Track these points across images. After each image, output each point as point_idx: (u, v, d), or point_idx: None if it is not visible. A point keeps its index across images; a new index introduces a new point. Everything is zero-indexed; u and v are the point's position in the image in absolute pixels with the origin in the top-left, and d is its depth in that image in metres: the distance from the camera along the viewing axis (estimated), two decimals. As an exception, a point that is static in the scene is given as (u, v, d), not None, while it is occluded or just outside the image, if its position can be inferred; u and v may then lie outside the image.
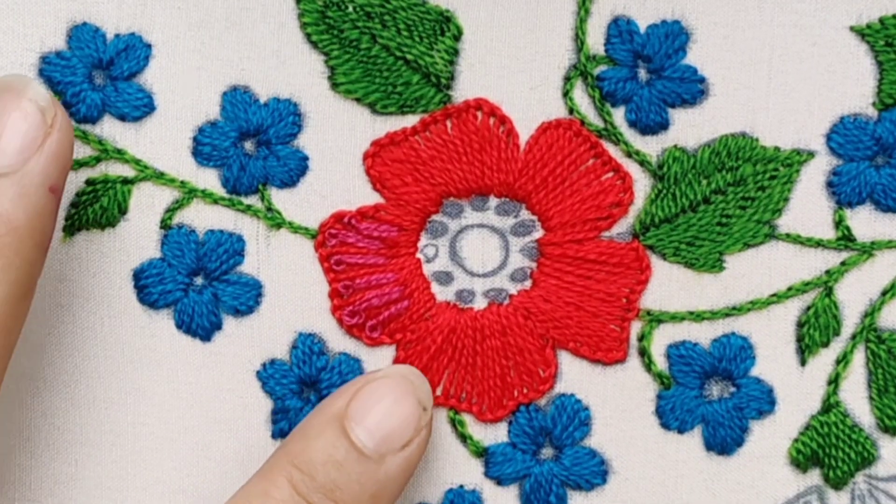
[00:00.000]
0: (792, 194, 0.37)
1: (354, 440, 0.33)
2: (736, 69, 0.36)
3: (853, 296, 0.37)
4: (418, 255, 0.38)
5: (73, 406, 0.37)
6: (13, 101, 0.32)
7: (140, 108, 0.37)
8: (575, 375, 0.37)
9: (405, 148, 0.37)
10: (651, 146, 0.37)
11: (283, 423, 0.37)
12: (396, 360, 0.37)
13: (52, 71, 0.37)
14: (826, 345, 0.37)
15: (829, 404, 0.37)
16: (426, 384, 0.35)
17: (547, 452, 0.38)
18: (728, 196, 0.37)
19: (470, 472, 0.38)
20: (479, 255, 0.37)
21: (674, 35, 0.36)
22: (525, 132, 0.37)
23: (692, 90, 0.36)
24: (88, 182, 0.37)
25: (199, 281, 0.37)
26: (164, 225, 0.37)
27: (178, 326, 0.37)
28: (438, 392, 0.37)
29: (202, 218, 0.37)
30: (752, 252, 0.37)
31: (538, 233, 0.37)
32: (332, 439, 0.33)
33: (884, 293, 0.37)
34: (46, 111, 0.32)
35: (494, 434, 0.38)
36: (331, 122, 0.37)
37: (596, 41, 0.36)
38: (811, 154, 0.37)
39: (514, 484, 0.38)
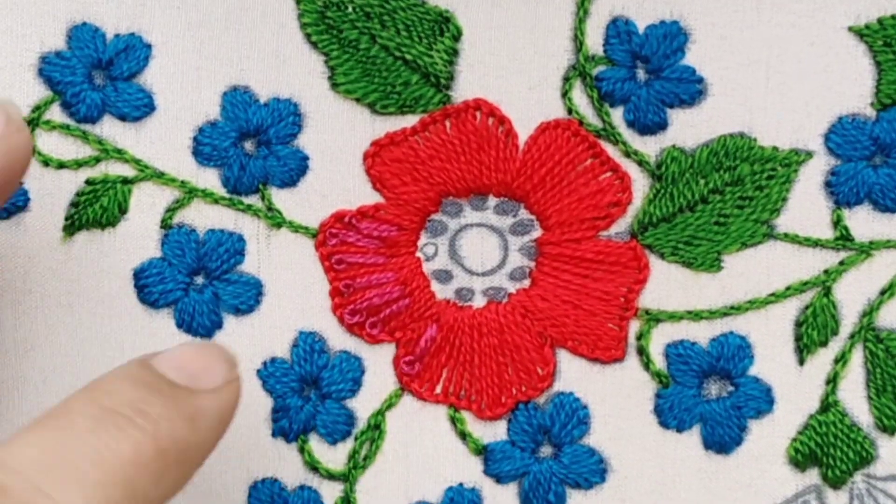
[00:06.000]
0: (790, 194, 0.37)
1: (163, 372, 0.30)
2: (734, 69, 0.36)
3: (851, 295, 0.37)
4: (418, 254, 0.38)
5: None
6: None
7: (140, 108, 0.37)
8: (573, 374, 0.37)
9: (405, 148, 0.37)
10: (649, 146, 0.37)
11: (283, 422, 0.37)
12: (396, 358, 0.38)
13: (51, 71, 0.37)
14: (824, 344, 0.37)
15: (828, 404, 0.37)
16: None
17: (546, 450, 0.38)
18: (726, 196, 0.37)
19: (469, 470, 0.38)
20: (478, 254, 0.38)
21: (672, 36, 0.36)
22: (524, 132, 0.37)
23: (690, 90, 0.36)
24: (89, 182, 0.37)
25: (199, 280, 0.37)
26: (165, 224, 0.37)
27: (179, 326, 0.37)
28: (438, 390, 0.38)
29: (203, 217, 0.37)
30: (751, 252, 0.37)
31: (537, 232, 0.37)
32: (137, 369, 0.30)
33: (882, 293, 0.37)
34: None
35: (494, 432, 0.38)
36: (331, 122, 0.37)
37: (595, 42, 0.36)
38: (809, 154, 0.37)
39: (513, 482, 0.38)
